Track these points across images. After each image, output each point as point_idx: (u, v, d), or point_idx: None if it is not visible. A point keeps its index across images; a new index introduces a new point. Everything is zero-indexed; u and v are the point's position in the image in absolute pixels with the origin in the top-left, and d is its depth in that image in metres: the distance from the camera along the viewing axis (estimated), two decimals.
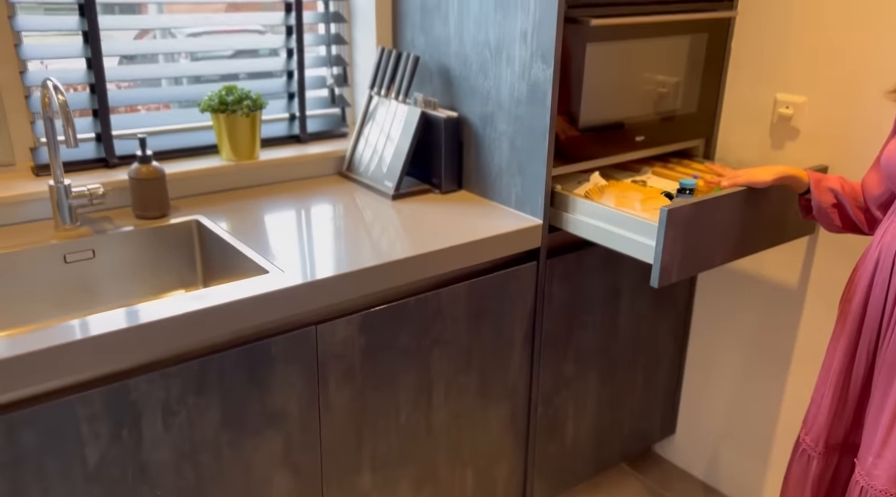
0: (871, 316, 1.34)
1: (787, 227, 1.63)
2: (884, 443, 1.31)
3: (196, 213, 1.61)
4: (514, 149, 1.64)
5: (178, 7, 1.95)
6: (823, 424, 1.45)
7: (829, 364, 1.44)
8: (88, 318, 1.13)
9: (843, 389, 1.41)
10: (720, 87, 1.85)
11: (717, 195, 1.44)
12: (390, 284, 1.41)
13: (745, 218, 1.51)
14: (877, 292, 1.32)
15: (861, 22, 1.55)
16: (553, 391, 1.83)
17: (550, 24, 1.48)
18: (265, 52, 2.19)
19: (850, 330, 1.38)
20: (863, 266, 1.36)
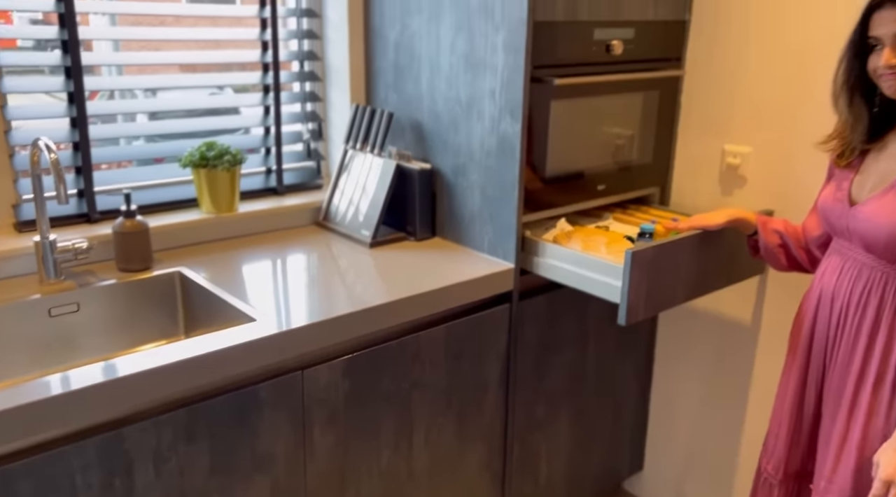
0: (817, 348, 1.46)
1: (739, 268, 1.75)
2: (834, 469, 1.41)
3: (178, 264, 1.65)
4: (486, 197, 1.74)
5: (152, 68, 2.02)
6: (782, 453, 1.54)
7: (783, 395, 1.54)
8: (78, 369, 1.16)
9: (798, 418, 1.51)
10: (672, 138, 2.00)
11: (676, 238, 1.56)
12: (371, 329, 1.47)
13: (702, 259, 1.63)
14: (821, 326, 1.44)
15: (797, 79, 1.72)
16: (527, 431, 1.89)
17: (517, 83, 1.60)
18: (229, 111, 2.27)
19: (799, 362, 1.49)
20: (807, 302, 1.49)
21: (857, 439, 1.36)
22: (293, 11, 1.99)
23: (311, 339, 1.37)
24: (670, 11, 1.85)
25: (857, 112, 1.36)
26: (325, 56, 2.04)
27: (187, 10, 1.84)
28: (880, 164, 1.35)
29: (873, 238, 1.31)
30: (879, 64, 1.26)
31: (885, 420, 1.33)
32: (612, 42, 1.73)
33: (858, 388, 1.37)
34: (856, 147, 1.38)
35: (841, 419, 1.40)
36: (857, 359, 1.36)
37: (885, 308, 1.33)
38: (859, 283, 1.36)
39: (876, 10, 1.25)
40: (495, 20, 1.61)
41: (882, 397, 1.34)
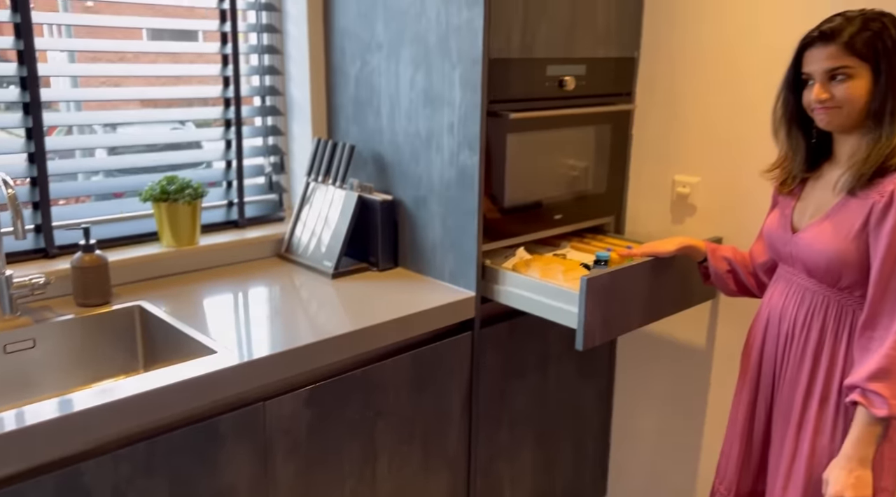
0: (765, 370, 1.51)
1: (691, 293, 1.81)
2: (784, 487, 1.46)
3: (138, 298, 1.65)
4: (446, 228, 1.78)
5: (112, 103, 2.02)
6: (734, 473, 1.59)
7: (735, 416, 1.59)
8: (34, 405, 1.14)
9: (748, 439, 1.56)
10: (625, 169, 2.07)
11: (629, 265, 1.62)
12: (334, 359, 1.48)
13: (655, 285, 1.69)
14: (769, 349, 1.50)
15: (742, 112, 1.81)
16: (490, 458, 1.90)
17: (475, 117, 1.65)
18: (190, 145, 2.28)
19: (749, 384, 1.55)
20: (756, 325, 1.55)
21: (805, 457, 1.42)
22: (255, 48, 2.02)
23: (272, 369, 1.38)
24: (620, 49, 1.94)
25: (796, 143, 1.45)
26: (286, 91, 2.08)
27: (147, 48, 1.86)
28: (817, 192, 1.43)
29: (814, 263, 1.38)
30: (811, 98, 1.34)
31: (830, 437, 1.39)
32: (564, 78, 1.81)
33: (805, 407, 1.42)
34: (796, 175, 1.46)
35: (790, 438, 1.45)
36: (804, 379, 1.42)
37: (827, 330, 1.39)
38: (803, 307, 1.42)
39: (808, 48, 1.34)
40: (452, 57, 1.67)
41: (827, 415, 1.39)
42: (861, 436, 1.31)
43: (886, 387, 1.27)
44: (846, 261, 1.33)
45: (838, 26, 1.30)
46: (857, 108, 1.31)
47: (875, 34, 1.28)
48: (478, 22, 1.59)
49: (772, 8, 1.70)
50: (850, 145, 1.37)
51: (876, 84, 1.29)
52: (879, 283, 1.29)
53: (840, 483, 1.31)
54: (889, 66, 1.28)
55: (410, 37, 1.75)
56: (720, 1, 1.79)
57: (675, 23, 1.89)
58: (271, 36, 2.04)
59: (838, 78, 1.30)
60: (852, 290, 1.35)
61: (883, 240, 1.27)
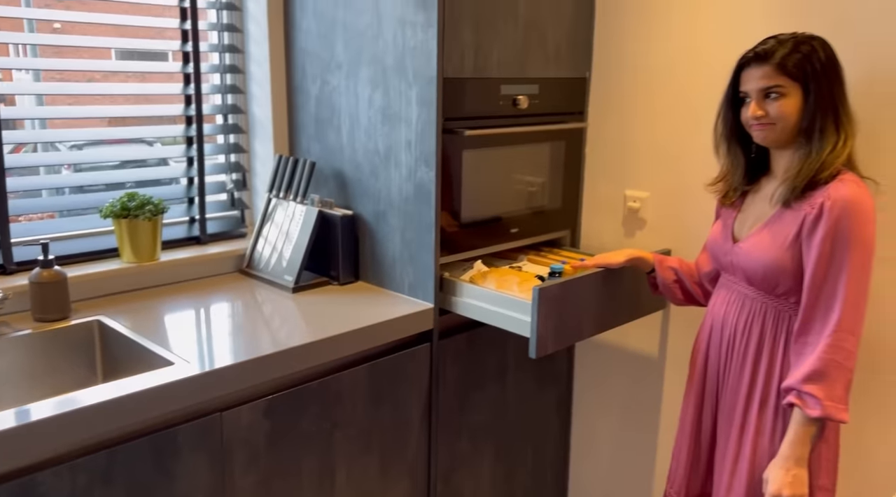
0: (710, 375, 1.58)
1: (641, 304, 1.88)
2: (729, 487, 1.52)
3: (98, 313, 1.66)
4: (405, 241, 1.83)
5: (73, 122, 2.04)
6: (683, 477, 1.64)
7: (683, 421, 1.65)
8: None
9: (696, 443, 1.62)
10: (580, 185, 2.15)
11: (580, 275, 1.68)
12: (292, 370, 1.50)
13: (605, 295, 1.75)
14: (713, 354, 1.57)
15: (688, 129, 1.90)
16: (451, 469, 1.93)
17: (431, 134, 1.71)
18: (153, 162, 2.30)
19: (695, 389, 1.62)
20: (701, 333, 1.62)
21: (747, 458, 1.48)
22: (217, 68, 2.06)
23: (230, 380, 1.40)
24: (572, 70, 2.02)
25: (736, 158, 1.53)
26: (249, 109, 2.12)
27: (110, 66, 1.89)
28: (756, 204, 1.51)
29: (752, 271, 1.45)
30: (748, 115, 1.43)
31: (770, 438, 1.45)
32: (518, 97, 1.88)
33: (747, 410, 1.49)
34: (737, 188, 1.54)
35: (733, 440, 1.51)
36: (745, 382, 1.49)
37: (766, 335, 1.46)
38: (743, 314, 1.50)
39: (744, 68, 1.43)
40: (408, 77, 1.73)
41: (767, 417, 1.46)
42: (797, 436, 1.37)
43: (820, 388, 1.34)
44: (782, 268, 1.40)
45: (771, 48, 1.39)
46: (789, 124, 1.39)
47: (805, 56, 1.37)
48: (432, 43, 1.65)
49: (711, 31, 1.80)
50: (785, 160, 1.45)
51: (806, 102, 1.38)
52: (811, 290, 1.36)
53: (778, 482, 1.38)
54: (818, 86, 1.37)
55: (368, 57, 1.81)
56: (665, 25, 1.88)
57: (624, 45, 1.98)
58: (233, 56, 2.08)
59: (772, 96, 1.39)
60: (788, 296, 1.43)
61: (814, 250, 1.35)
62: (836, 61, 1.39)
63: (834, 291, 1.34)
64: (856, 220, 1.32)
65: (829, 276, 1.34)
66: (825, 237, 1.34)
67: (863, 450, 1.68)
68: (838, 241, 1.33)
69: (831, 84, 1.38)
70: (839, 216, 1.32)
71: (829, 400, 1.33)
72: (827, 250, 1.34)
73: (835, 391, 1.33)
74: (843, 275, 1.33)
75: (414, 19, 1.68)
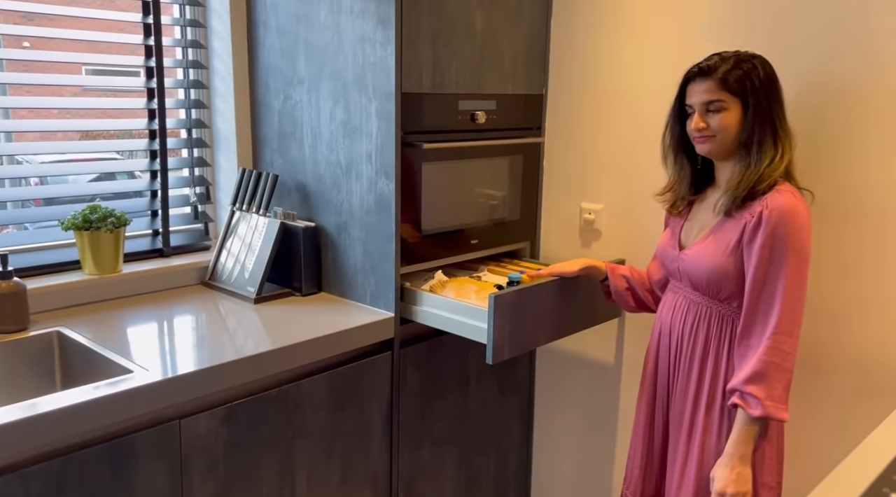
0: (661, 379, 1.63)
1: (596, 311, 1.93)
2: (679, 486, 1.57)
3: (57, 325, 1.66)
4: (367, 252, 1.86)
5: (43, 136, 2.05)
6: (638, 478, 1.69)
7: (637, 425, 1.70)
8: None
9: (649, 445, 1.67)
10: (538, 197, 2.21)
11: (535, 283, 1.73)
12: (251, 377, 1.52)
13: (561, 303, 1.80)
14: (662, 357, 1.63)
15: (638, 143, 1.97)
16: (413, 476, 1.96)
17: (390, 147, 1.76)
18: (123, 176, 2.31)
19: (647, 393, 1.67)
20: (651, 338, 1.68)
21: (696, 457, 1.53)
22: (181, 83, 2.09)
23: (188, 387, 1.42)
24: (528, 86, 2.09)
25: (682, 169, 1.60)
26: (213, 124, 2.15)
27: (75, 81, 1.91)
28: (702, 213, 1.58)
29: (697, 277, 1.52)
30: (692, 127, 1.50)
31: (717, 438, 1.51)
32: (476, 112, 1.94)
33: (695, 411, 1.54)
34: (684, 197, 1.61)
35: (682, 441, 1.56)
36: (693, 384, 1.54)
37: (711, 339, 1.52)
38: (689, 318, 1.56)
39: (689, 82, 1.50)
40: (368, 92, 1.78)
41: (713, 418, 1.52)
42: (740, 435, 1.43)
43: (761, 389, 1.40)
44: (725, 274, 1.47)
45: (714, 64, 1.46)
46: (729, 137, 1.47)
47: (745, 73, 1.45)
48: (390, 60, 1.71)
49: (658, 49, 1.88)
50: (727, 171, 1.52)
51: (745, 117, 1.46)
52: (752, 295, 1.43)
53: (723, 480, 1.43)
54: (756, 101, 1.45)
55: (329, 73, 1.86)
56: (616, 44, 1.96)
57: (578, 63, 2.05)
58: (198, 71, 2.11)
59: (713, 109, 1.46)
60: (731, 301, 1.49)
61: (754, 256, 1.42)
62: (775, 79, 1.47)
63: (773, 296, 1.40)
64: (792, 228, 1.39)
65: (767, 280, 1.41)
66: (763, 244, 1.41)
67: (802, 447, 1.75)
68: (776, 248, 1.40)
69: (770, 100, 1.45)
70: (776, 224, 1.39)
71: (770, 400, 1.39)
72: (766, 256, 1.40)
73: (775, 391, 1.39)
74: (781, 279, 1.40)
75: (373, 36, 1.74)
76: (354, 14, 1.77)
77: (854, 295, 1.64)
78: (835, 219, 1.64)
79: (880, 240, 1.59)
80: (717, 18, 1.77)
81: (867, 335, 1.63)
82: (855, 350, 1.65)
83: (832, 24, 1.60)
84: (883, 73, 1.54)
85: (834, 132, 1.62)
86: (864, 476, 1.08)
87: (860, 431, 1.66)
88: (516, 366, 2.23)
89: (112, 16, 1.93)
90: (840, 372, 1.67)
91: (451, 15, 1.82)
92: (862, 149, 1.59)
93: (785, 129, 1.46)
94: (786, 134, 1.46)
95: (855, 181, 1.61)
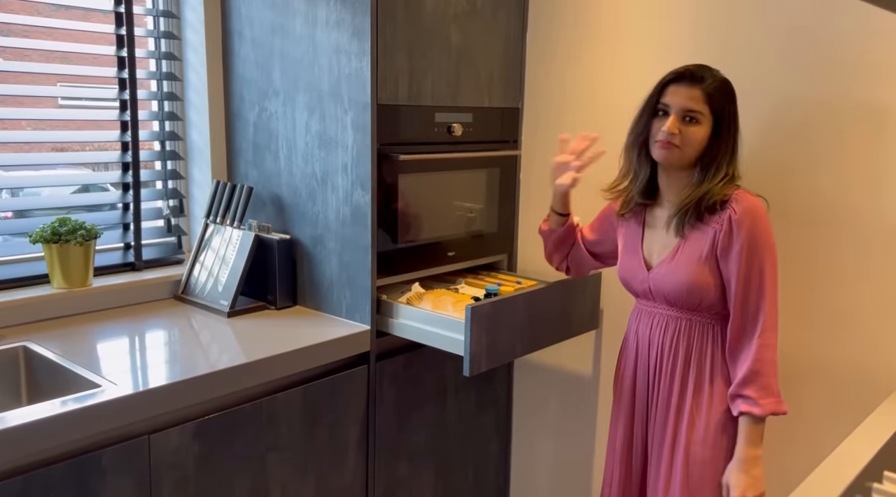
0: (640, 396, 1.61)
1: (573, 323, 1.93)
2: None
3: (24, 339, 1.62)
4: (343, 264, 1.85)
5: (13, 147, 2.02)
6: None
7: (613, 443, 1.68)
8: None
9: (628, 466, 1.65)
10: (515, 210, 2.21)
11: (510, 295, 1.72)
12: (223, 391, 1.49)
13: (537, 314, 1.80)
14: (641, 376, 1.60)
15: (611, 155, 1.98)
16: (389, 492, 1.93)
17: (366, 158, 1.75)
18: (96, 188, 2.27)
19: (625, 410, 1.64)
20: (624, 354, 1.66)
21: (681, 467, 1.51)
22: (154, 95, 2.07)
23: (157, 402, 1.38)
24: (505, 100, 2.10)
25: (641, 167, 1.55)
26: (187, 136, 2.13)
27: (45, 92, 1.88)
28: (658, 233, 1.55)
29: (675, 293, 1.50)
30: (662, 128, 1.45)
31: (702, 447, 1.48)
32: (453, 124, 1.94)
33: (678, 423, 1.53)
34: (633, 198, 1.57)
35: (665, 455, 1.55)
36: (675, 397, 1.53)
37: (692, 349, 1.52)
38: (668, 334, 1.54)
39: (673, 82, 1.46)
40: (344, 103, 1.77)
41: (699, 427, 1.50)
42: (748, 438, 1.43)
43: (758, 389, 1.41)
44: (703, 285, 1.47)
45: (706, 75, 1.45)
46: (693, 152, 1.46)
47: (726, 95, 1.45)
48: (366, 71, 1.71)
49: (632, 65, 1.90)
50: (676, 184, 1.50)
51: (712, 136, 1.45)
52: (739, 299, 1.43)
53: (741, 485, 1.42)
54: (727, 125, 1.45)
55: (305, 84, 1.85)
56: (590, 60, 1.98)
57: (552, 77, 2.07)
58: (172, 83, 2.10)
59: (689, 119, 1.45)
60: (711, 309, 1.49)
61: (734, 262, 1.43)
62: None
63: (760, 296, 1.43)
64: (761, 225, 1.43)
65: (752, 282, 1.43)
66: (742, 249, 1.42)
67: (778, 456, 1.75)
68: (753, 249, 1.42)
69: (736, 126, 1.47)
70: (750, 226, 1.42)
71: (769, 397, 1.41)
72: (746, 259, 1.42)
73: (771, 388, 1.42)
74: (765, 278, 1.42)
75: (349, 48, 1.74)
76: (330, 25, 1.77)
77: (826, 303, 1.65)
78: (805, 226, 1.66)
79: (848, 248, 1.61)
80: (693, 34, 1.80)
81: (843, 343, 1.64)
82: (829, 359, 1.66)
83: (804, 45, 1.63)
84: (853, 90, 1.57)
85: (804, 147, 1.65)
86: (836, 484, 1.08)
87: (831, 442, 1.67)
88: (494, 379, 2.22)
89: (85, 27, 1.91)
90: (812, 382, 1.68)
91: (426, 27, 1.82)
92: (829, 161, 1.62)
93: (737, 153, 1.48)
94: (736, 158, 1.48)
95: (826, 192, 1.63)
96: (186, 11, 2.06)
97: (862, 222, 1.59)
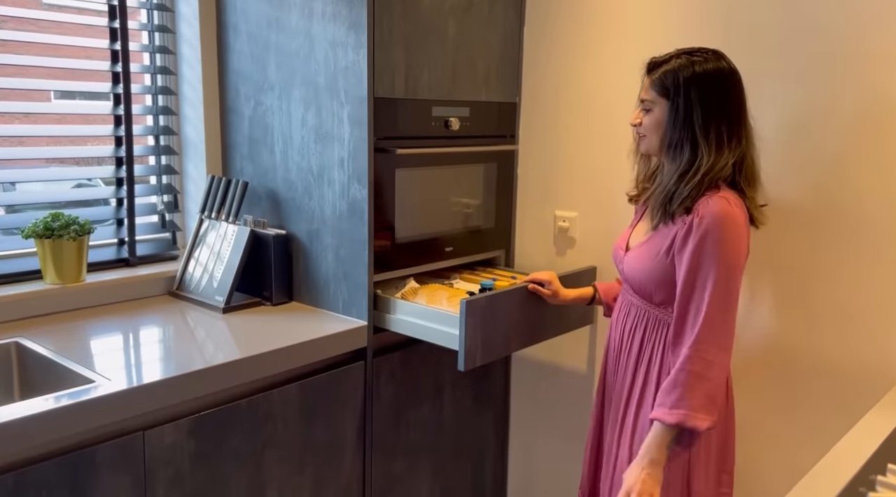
0: (609, 379, 1.62)
1: (568, 318, 1.92)
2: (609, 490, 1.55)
3: (16, 335, 1.60)
4: (339, 259, 1.83)
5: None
6: (588, 481, 1.68)
7: (589, 428, 1.69)
8: None
9: (598, 448, 1.66)
10: (512, 205, 2.20)
11: (506, 289, 1.71)
12: (218, 388, 1.48)
13: (532, 309, 1.78)
14: (611, 359, 1.61)
15: (610, 152, 1.98)
16: (386, 488, 1.91)
17: (363, 152, 1.74)
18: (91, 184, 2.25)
19: (598, 394, 1.66)
20: (606, 341, 1.66)
21: (625, 459, 1.50)
22: (149, 89, 2.05)
23: (152, 398, 1.37)
24: (502, 94, 2.09)
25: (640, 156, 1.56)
26: (181, 131, 2.11)
27: (40, 85, 1.86)
28: (644, 222, 1.55)
29: (636, 281, 1.50)
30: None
31: (640, 442, 1.47)
32: (450, 118, 1.93)
33: (626, 411, 1.53)
34: (647, 189, 1.56)
35: (614, 439, 1.55)
36: (626, 387, 1.53)
37: (646, 342, 1.50)
38: (629, 320, 1.55)
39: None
40: (340, 97, 1.76)
41: (641, 421, 1.49)
42: (652, 440, 1.39)
43: (674, 397, 1.36)
44: (656, 280, 1.45)
45: (662, 60, 1.43)
46: (655, 138, 1.44)
47: (673, 71, 1.39)
48: (363, 64, 1.69)
49: (631, 58, 1.89)
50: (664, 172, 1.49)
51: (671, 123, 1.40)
52: (681, 303, 1.40)
53: (630, 481, 1.39)
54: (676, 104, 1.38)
55: (301, 78, 1.84)
56: (587, 54, 1.97)
57: (549, 72, 2.06)
58: (166, 78, 2.08)
59: (645, 109, 1.45)
60: (665, 306, 1.47)
61: (684, 265, 1.39)
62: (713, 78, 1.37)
63: (700, 304, 1.37)
64: (723, 234, 1.34)
65: (696, 288, 1.37)
66: (692, 252, 1.37)
67: (778, 452, 1.75)
68: (704, 256, 1.36)
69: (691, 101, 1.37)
70: (706, 231, 1.35)
71: (684, 409, 1.35)
72: (695, 264, 1.37)
73: (693, 401, 1.35)
74: (708, 288, 1.35)
75: (345, 41, 1.72)
76: (326, 18, 1.75)
77: (828, 298, 1.65)
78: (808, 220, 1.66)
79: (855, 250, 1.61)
80: (690, 27, 1.79)
81: (846, 338, 1.64)
82: (832, 353, 1.66)
83: (811, 44, 1.62)
84: (855, 87, 1.57)
85: (813, 146, 1.64)
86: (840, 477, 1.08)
87: (834, 436, 1.67)
88: (491, 375, 2.21)
89: (78, 20, 1.89)
90: (816, 377, 1.68)
91: (423, 21, 1.81)
92: (841, 162, 1.61)
93: (711, 132, 1.37)
94: (710, 139, 1.37)
95: (840, 191, 1.62)
96: (181, 5, 2.04)
97: (865, 216, 1.58)
